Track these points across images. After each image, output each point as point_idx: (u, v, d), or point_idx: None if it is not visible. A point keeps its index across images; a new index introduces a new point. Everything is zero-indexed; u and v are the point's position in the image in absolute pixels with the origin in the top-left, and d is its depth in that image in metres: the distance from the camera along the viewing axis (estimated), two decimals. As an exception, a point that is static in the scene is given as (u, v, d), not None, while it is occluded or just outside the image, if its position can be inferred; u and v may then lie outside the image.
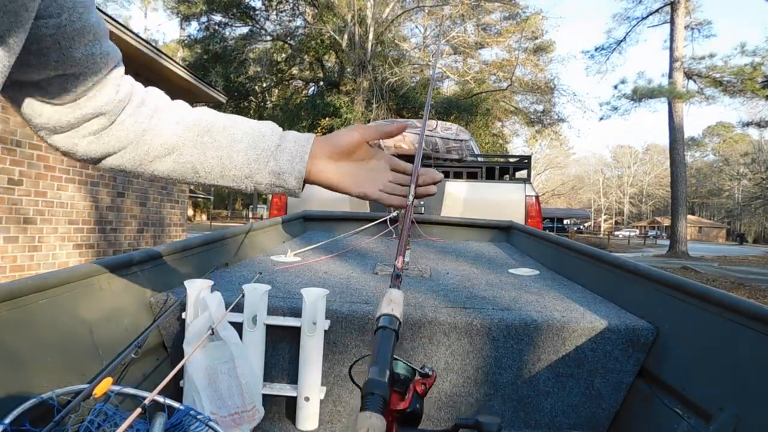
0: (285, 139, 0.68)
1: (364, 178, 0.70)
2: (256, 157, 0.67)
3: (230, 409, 1.14)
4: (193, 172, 0.67)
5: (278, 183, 0.67)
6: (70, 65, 0.55)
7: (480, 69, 21.07)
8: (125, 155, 0.65)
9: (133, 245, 6.30)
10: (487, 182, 3.69)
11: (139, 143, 0.65)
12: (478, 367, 1.30)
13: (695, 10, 19.65)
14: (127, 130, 0.64)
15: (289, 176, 0.67)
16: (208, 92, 7.45)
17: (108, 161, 0.66)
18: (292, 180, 0.67)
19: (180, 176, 0.68)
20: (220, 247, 1.87)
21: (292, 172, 0.67)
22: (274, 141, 0.68)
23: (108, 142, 0.63)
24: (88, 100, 0.59)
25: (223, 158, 0.66)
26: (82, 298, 1.11)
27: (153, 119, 0.66)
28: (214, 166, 0.67)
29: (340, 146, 0.68)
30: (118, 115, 0.63)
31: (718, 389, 1.00)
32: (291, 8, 18.69)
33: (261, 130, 0.69)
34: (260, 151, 0.67)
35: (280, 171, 0.67)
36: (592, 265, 1.75)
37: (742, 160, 49.94)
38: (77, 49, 0.54)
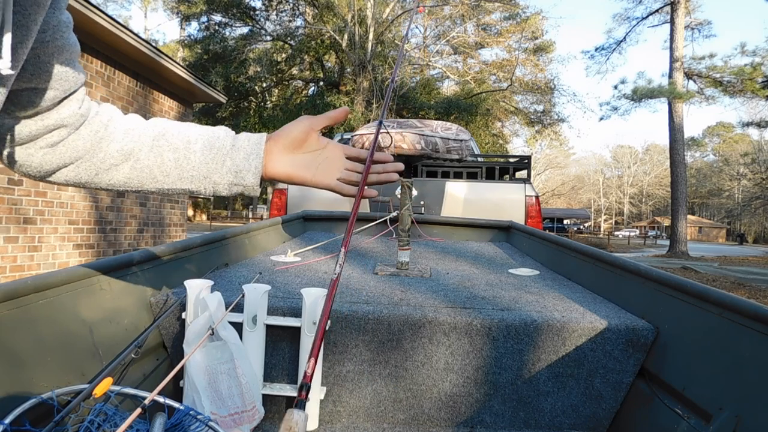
0: (238, 139, 0.70)
1: (320, 169, 0.72)
2: (213, 156, 0.68)
3: (230, 409, 1.14)
4: (150, 177, 0.67)
5: (236, 181, 0.68)
6: (44, 79, 0.56)
7: (480, 69, 21.08)
8: (81, 165, 0.65)
9: (133, 245, 6.30)
10: (487, 182, 3.69)
11: (95, 152, 0.65)
12: (478, 367, 1.30)
13: (695, 10, 19.66)
14: (83, 139, 0.64)
15: (247, 173, 0.68)
16: (208, 92, 7.45)
17: (62, 173, 0.65)
18: (249, 177, 0.68)
19: (137, 184, 0.68)
20: (220, 247, 1.87)
21: (249, 169, 0.68)
22: (229, 141, 0.69)
23: (64, 153, 0.63)
24: (52, 112, 0.60)
25: (180, 159, 0.67)
26: (82, 298, 1.11)
27: (108, 127, 0.66)
28: (172, 169, 0.67)
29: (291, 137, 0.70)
30: (77, 128, 0.63)
31: (718, 389, 1.00)
32: (291, 8, 18.69)
33: (215, 131, 0.70)
34: (216, 150, 0.68)
35: (238, 169, 0.68)
36: (592, 265, 1.75)
37: (742, 160, 49.92)
38: (54, 65, 0.56)
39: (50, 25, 0.54)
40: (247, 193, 0.70)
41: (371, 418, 1.32)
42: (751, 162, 46.98)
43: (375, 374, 1.32)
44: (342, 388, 1.32)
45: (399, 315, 1.31)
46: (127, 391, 0.98)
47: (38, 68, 0.55)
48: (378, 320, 1.31)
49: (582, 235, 41.68)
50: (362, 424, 1.31)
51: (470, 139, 4.45)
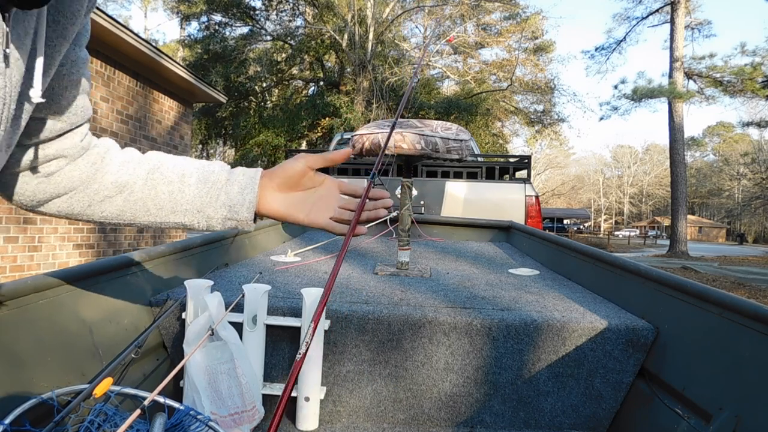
0: (234, 173, 0.70)
1: (314, 207, 0.71)
2: (207, 190, 0.68)
3: (230, 409, 1.14)
4: (144, 210, 0.67)
5: (230, 215, 0.68)
6: (55, 111, 0.57)
7: (480, 69, 21.07)
8: (74, 197, 0.64)
9: (133, 245, 6.29)
10: (487, 182, 3.69)
11: (90, 183, 0.65)
12: (478, 367, 1.30)
13: (695, 10, 19.64)
14: (79, 170, 0.64)
15: (241, 207, 0.68)
16: (208, 92, 7.45)
17: (55, 204, 0.64)
18: (243, 211, 0.68)
19: (130, 217, 0.67)
20: (220, 247, 1.87)
21: (243, 203, 0.68)
22: (224, 175, 0.69)
23: (59, 183, 0.62)
24: (54, 142, 0.60)
25: (174, 192, 0.67)
26: (82, 298, 1.11)
27: (105, 159, 0.66)
28: (166, 202, 0.67)
29: (286, 177, 0.69)
30: (75, 159, 0.63)
31: (718, 389, 1.00)
32: (291, 8, 18.69)
33: (210, 165, 0.70)
34: (210, 184, 0.68)
35: (232, 203, 0.68)
36: (592, 265, 1.75)
37: (742, 160, 49.92)
38: (66, 98, 0.57)
39: (69, 59, 0.55)
40: (241, 227, 0.70)
41: (371, 418, 1.32)
42: (751, 162, 46.98)
43: (375, 374, 1.32)
44: (342, 388, 1.32)
45: (399, 315, 1.31)
46: (127, 391, 0.98)
47: (51, 100, 0.55)
48: (378, 320, 1.31)
49: (582, 235, 41.67)
50: (362, 424, 1.31)
51: (470, 139, 4.44)
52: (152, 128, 6.59)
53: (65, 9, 0.51)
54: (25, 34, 0.45)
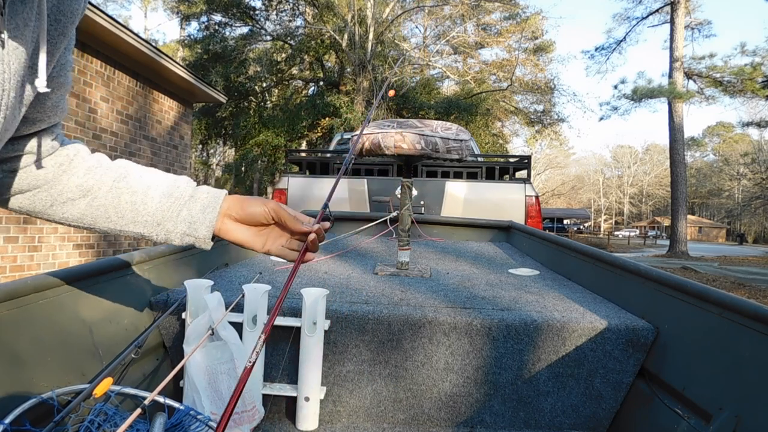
0: (199, 190, 0.71)
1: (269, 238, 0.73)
2: (170, 204, 0.69)
3: (230, 409, 1.14)
4: (104, 217, 0.68)
5: (189, 231, 0.69)
6: (38, 110, 0.58)
7: (480, 69, 21.07)
8: (38, 195, 0.65)
9: (133, 245, 6.29)
10: (487, 182, 3.69)
11: (54, 183, 0.65)
12: (478, 367, 1.30)
13: (695, 10, 19.64)
14: (45, 170, 0.64)
15: (201, 225, 0.69)
16: (208, 92, 7.45)
17: (17, 199, 0.65)
18: (203, 229, 0.69)
19: (90, 222, 0.68)
20: (220, 247, 1.87)
21: (203, 222, 0.69)
22: (188, 191, 0.70)
23: (23, 180, 0.63)
24: (26, 139, 0.60)
25: (136, 203, 0.68)
26: (82, 298, 1.11)
27: (73, 162, 0.67)
28: (127, 212, 0.68)
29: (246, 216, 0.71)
30: (43, 158, 0.64)
31: (718, 389, 1.00)
32: (291, 8, 18.68)
33: (176, 180, 0.71)
34: (174, 199, 0.69)
35: (192, 220, 0.69)
36: (592, 265, 1.75)
37: (742, 160, 49.91)
38: (50, 99, 0.59)
39: (59, 62, 0.58)
40: (198, 245, 0.71)
41: (371, 418, 1.32)
42: (751, 162, 46.98)
43: (375, 374, 1.32)
44: (342, 388, 1.32)
45: (399, 315, 1.31)
46: (127, 391, 0.98)
47: (37, 100, 0.57)
48: (378, 320, 1.31)
49: (582, 235, 41.68)
50: (362, 424, 1.31)
51: (470, 139, 4.44)
52: (152, 128, 6.59)
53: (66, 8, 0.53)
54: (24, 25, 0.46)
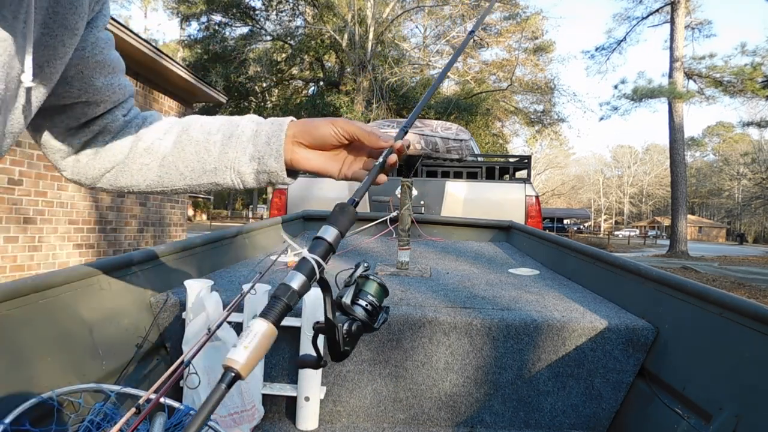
0: (261, 123, 0.68)
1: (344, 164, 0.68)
2: (234, 145, 0.66)
3: (230, 409, 1.14)
4: (178, 174, 0.68)
5: (260, 168, 0.66)
6: (92, 93, 0.61)
7: (480, 69, 21.07)
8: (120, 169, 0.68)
9: (133, 245, 6.29)
10: (487, 182, 3.69)
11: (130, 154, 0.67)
12: (478, 367, 1.30)
13: (695, 10, 19.63)
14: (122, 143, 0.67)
15: (269, 158, 0.66)
16: (208, 92, 7.45)
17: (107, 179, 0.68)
18: (272, 161, 0.66)
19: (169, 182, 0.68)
20: (220, 247, 1.87)
21: (270, 153, 0.65)
22: (251, 127, 0.67)
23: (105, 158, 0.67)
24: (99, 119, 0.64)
25: (200, 152, 0.67)
26: (82, 298, 1.11)
27: (142, 129, 0.69)
28: (194, 162, 0.67)
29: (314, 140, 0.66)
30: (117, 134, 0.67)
31: (718, 389, 1.00)
32: (291, 8, 18.68)
33: (237, 120, 0.69)
34: (236, 138, 0.67)
35: (260, 155, 0.66)
36: (592, 265, 1.75)
37: (742, 160, 49.91)
38: (98, 78, 0.61)
39: (88, 42, 0.58)
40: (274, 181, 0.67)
41: (371, 417, 1.32)
42: (751, 162, 46.97)
43: (375, 374, 1.32)
44: (342, 388, 1.32)
45: (399, 315, 1.31)
46: (127, 391, 0.98)
47: (84, 83, 0.60)
48: (378, 320, 1.31)
49: (582, 235, 41.66)
50: (362, 424, 1.31)
51: (470, 138, 4.45)
52: (152, 128, 6.58)
53: None
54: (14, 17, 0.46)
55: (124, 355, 1.15)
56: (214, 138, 0.67)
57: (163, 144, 0.68)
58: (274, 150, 0.65)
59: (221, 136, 0.67)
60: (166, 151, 0.67)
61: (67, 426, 0.88)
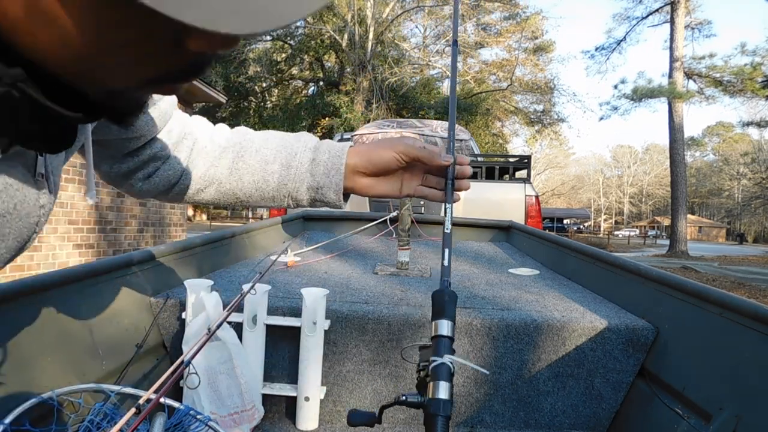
0: (319, 151, 0.68)
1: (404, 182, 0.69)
2: (292, 176, 0.67)
3: (230, 409, 1.14)
4: (234, 198, 0.69)
5: (317, 197, 0.68)
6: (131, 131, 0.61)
7: (480, 69, 21.07)
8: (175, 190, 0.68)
9: (133, 245, 6.29)
10: (487, 182, 3.69)
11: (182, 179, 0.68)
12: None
13: (695, 10, 19.64)
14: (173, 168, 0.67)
15: (328, 190, 0.67)
16: (208, 92, 7.45)
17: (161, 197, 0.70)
18: (331, 194, 0.67)
19: (226, 202, 0.71)
20: (220, 247, 1.87)
21: (330, 186, 0.66)
22: (308, 156, 0.67)
23: (158, 183, 0.67)
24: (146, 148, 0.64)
25: (258, 182, 0.68)
26: (82, 298, 1.11)
27: (193, 152, 0.68)
28: (252, 191, 0.68)
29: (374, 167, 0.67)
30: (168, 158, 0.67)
31: (718, 389, 1.00)
32: (291, 8, 18.66)
33: (293, 147, 0.68)
34: (294, 170, 0.67)
35: (318, 186, 0.67)
36: (592, 265, 1.75)
37: (742, 160, 49.93)
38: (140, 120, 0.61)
39: None
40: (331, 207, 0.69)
41: None
42: (751, 162, 46.99)
43: (375, 374, 1.32)
44: (342, 388, 1.32)
45: (399, 315, 1.31)
46: (127, 391, 0.98)
47: None
48: (378, 320, 1.31)
49: (582, 234, 41.67)
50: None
51: (470, 138, 4.46)
52: (152, 128, 6.58)
53: None
54: None
55: (124, 355, 1.15)
56: (272, 168, 0.67)
57: (219, 171, 0.68)
58: (333, 183, 0.66)
59: (279, 166, 0.67)
60: (222, 178, 0.68)
61: (67, 426, 0.88)
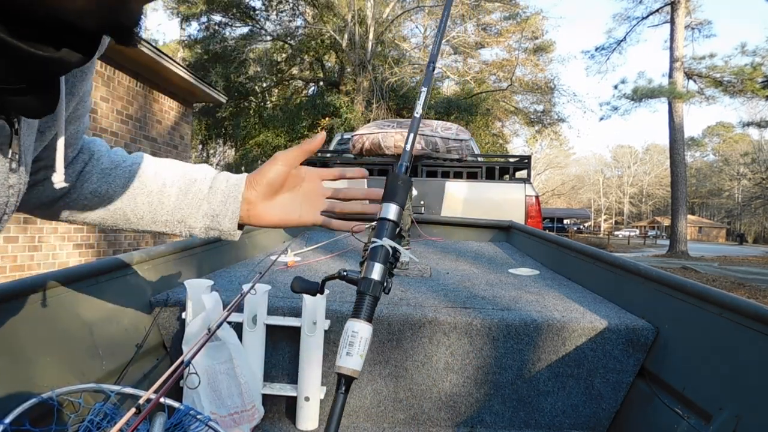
0: (217, 180, 0.67)
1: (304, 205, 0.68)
2: (189, 201, 0.66)
3: (230, 409, 1.14)
4: (124, 219, 0.66)
5: (212, 225, 0.66)
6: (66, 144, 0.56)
7: (480, 69, 21.07)
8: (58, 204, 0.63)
9: (133, 245, 6.29)
10: (487, 182, 3.69)
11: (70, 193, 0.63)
12: (478, 367, 1.30)
13: (695, 10, 19.63)
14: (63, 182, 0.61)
15: (223, 218, 0.66)
16: (208, 92, 7.45)
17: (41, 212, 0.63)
18: (226, 222, 0.66)
19: (112, 223, 0.67)
20: (220, 247, 1.87)
21: (225, 214, 0.65)
22: (206, 184, 0.67)
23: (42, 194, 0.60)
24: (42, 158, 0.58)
25: (153, 204, 0.65)
26: (82, 298, 1.11)
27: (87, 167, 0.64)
28: (145, 212, 0.66)
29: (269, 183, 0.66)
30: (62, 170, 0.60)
31: (718, 389, 1.00)
32: (291, 8, 18.68)
33: (193, 174, 0.67)
34: (192, 195, 0.66)
35: (214, 213, 0.66)
36: (592, 265, 1.75)
37: (742, 160, 49.91)
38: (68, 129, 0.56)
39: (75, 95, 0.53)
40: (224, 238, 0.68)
41: (371, 418, 1.32)
42: (751, 162, 46.97)
43: (375, 374, 1.32)
44: None
45: (399, 315, 1.31)
46: (127, 391, 0.99)
47: None
48: (378, 320, 1.31)
49: (582, 234, 41.67)
50: (362, 424, 1.31)
51: (470, 138, 4.45)
52: (152, 128, 6.59)
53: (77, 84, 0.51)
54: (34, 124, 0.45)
55: (124, 355, 1.15)
56: (169, 191, 0.66)
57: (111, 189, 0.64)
58: (230, 212, 0.65)
59: (176, 190, 0.66)
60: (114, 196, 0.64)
61: (67, 426, 0.88)
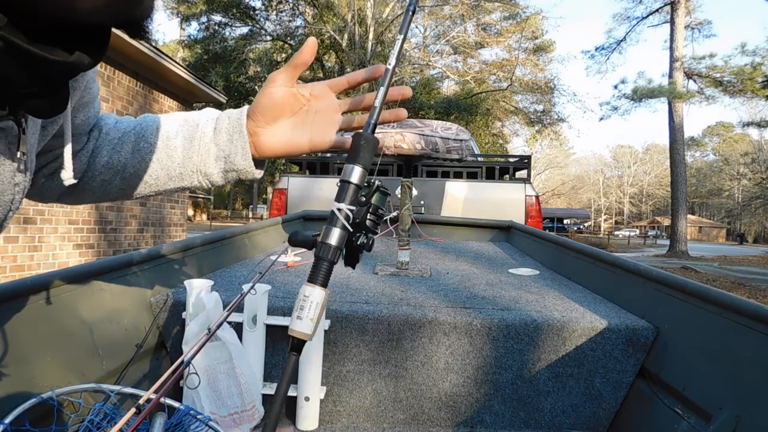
0: (220, 121, 0.64)
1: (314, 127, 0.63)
2: (196, 148, 0.63)
3: (230, 409, 1.14)
4: (142, 183, 0.64)
5: (227, 167, 0.63)
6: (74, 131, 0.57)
7: (480, 69, 21.07)
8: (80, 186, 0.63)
9: (133, 245, 6.29)
10: (487, 182, 3.69)
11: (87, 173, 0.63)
12: (478, 367, 1.30)
13: (695, 10, 19.64)
14: (79, 162, 0.62)
15: (235, 156, 0.63)
16: (208, 92, 7.45)
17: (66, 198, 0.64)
18: (239, 159, 0.62)
19: (134, 192, 0.65)
20: (220, 247, 1.87)
21: (236, 151, 0.62)
22: (210, 126, 0.64)
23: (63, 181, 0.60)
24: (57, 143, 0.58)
25: (162, 159, 0.64)
26: (82, 298, 1.11)
27: (97, 143, 0.64)
28: (158, 171, 0.64)
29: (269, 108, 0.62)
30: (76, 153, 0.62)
31: (718, 389, 1.00)
32: (291, 8, 18.69)
33: (195, 120, 0.65)
34: (197, 141, 0.63)
35: (225, 154, 0.63)
36: (592, 265, 1.75)
37: (742, 160, 49.92)
38: (77, 117, 0.57)
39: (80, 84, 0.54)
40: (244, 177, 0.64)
41: (371, 418, 1.32)
42: (751, 162, 46.97)
43: (375, 374, 1.32)
44: (342, 388, 1.32)
45: (399, 315, 1.31)
46: (127, 391, 0.98)
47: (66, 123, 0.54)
48: (378, 320, 1.31)
49: (582, 234, 41.66)
50: (362, 424, 1.31)
51: (470, 138, 4.43)
52: (152, 128, 6.58)
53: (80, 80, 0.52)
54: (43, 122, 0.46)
55: (124, 355, 1.15)
56: (175, 143, 0.64)
57: (122, 156, 0.63)
58: (239, 148, 0.62)
59: (182, 140, 0.64)
60: (126, 162, 0.63)
61: (67, 426, 0.88)
